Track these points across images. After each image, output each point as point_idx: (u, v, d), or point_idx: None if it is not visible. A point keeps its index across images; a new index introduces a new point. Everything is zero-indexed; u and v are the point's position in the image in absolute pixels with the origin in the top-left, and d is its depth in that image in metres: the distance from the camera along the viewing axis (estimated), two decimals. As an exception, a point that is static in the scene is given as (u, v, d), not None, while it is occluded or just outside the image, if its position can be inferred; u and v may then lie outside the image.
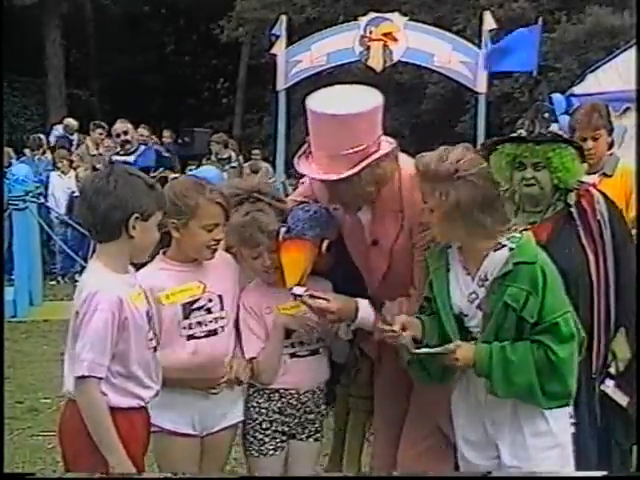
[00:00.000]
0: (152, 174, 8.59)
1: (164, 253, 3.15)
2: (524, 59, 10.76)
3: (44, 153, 12.39)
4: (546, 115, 3.55)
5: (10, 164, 11.54)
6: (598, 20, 16.20)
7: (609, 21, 16.02)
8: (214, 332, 3.13)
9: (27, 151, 12.84)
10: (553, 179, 3.30)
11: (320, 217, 3.17)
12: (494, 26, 11.33)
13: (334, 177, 2.97)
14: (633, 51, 8.44)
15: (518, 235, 2.85)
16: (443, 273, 2.91)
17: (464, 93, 15.25)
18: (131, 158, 9.04)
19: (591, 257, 3.29)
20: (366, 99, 3.05)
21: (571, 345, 2.78)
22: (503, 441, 2.87)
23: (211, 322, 3.12)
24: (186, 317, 3.09)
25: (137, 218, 2.71)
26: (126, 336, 2.71)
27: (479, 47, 11.11)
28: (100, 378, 2.67)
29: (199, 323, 3.10)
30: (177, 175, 8.66)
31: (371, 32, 11.08)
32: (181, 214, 3.03)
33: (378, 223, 3.14)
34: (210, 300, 3.12)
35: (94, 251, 2.88)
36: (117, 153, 9.43)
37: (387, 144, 3.07)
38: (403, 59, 11.45)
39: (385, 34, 11.04)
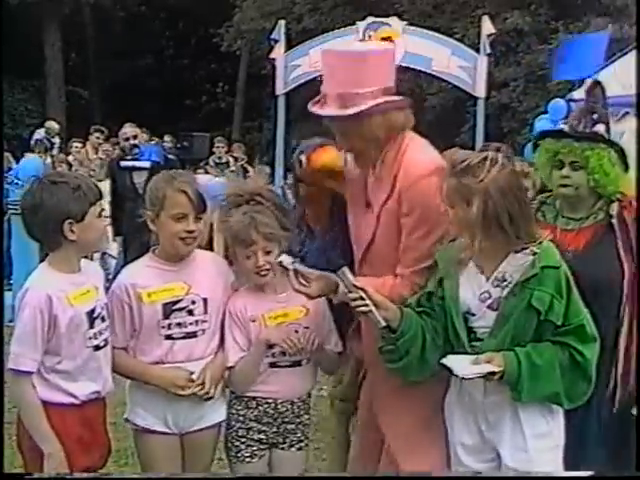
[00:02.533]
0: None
1: (153, 251, 3.18)
2: (588, 66, 10.29)
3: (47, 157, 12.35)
4: (595, 117, 3.32)
5: (10, 169, 11.53)
6: (596, 30, 16.22)
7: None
8: (193, 334, 3.12)
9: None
10: (589, 181, 3.22)
11: None
12: (493, 31, 11.38)
13: (348, 112, 2.97)
14: (631, 56, 8.45)
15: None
16: (453, 271, 2.89)
17: (463, 105, 15.29)
18: (139, 163, 9.06)
19: (627, 273, 3.17)
20: (378, 45, 3.21)
21: (595, 346, 2.81)
22: (502, 444, 2.85)
23: (191, 324, 3.12)
24: (166, 317, 3.09)
25: (70, 223, 2.86)
26: (57, 333, 2.86)
27: (478, 52, 11.14)
28: (30, 372, 2.83)
29: (179, 324, 3.11)
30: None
31: (370, 37, 11.10)
32: (154, 206, 3.09)
33: (375, 185, 3.13)
34: (193, 302, 3.12)
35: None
36: (123, 157, 9.44)
37: (398, 100, 3.10)
38: (402, 64, 11.45)
39: (384, 38, 11.04)
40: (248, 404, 3.20)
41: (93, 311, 2.96)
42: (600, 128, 3.30)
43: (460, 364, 2.75)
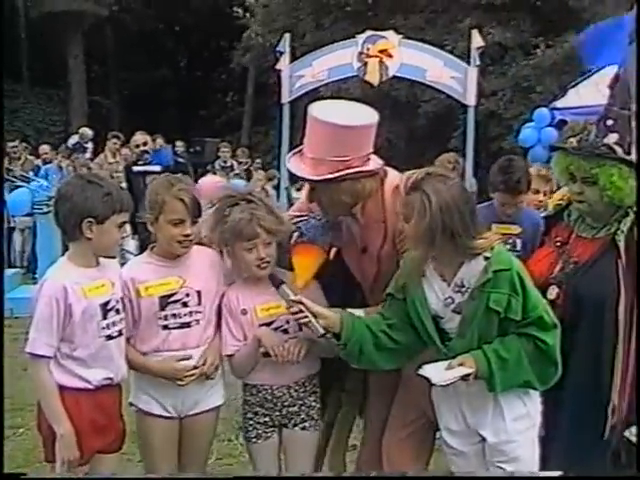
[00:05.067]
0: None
1: (151, 249, 3.19)
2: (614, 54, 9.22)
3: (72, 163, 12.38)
4: (609, 123, 2.97)
5: (36, 172, 11.62)
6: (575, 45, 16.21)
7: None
8: (187, 325, 3.13)
9: (48, 157, 12.81)
10: (603, 197, 2.92)
11: (331, 227, 3.19)
12: (482, 44, 11.36)
13: (311, 177, 3.00)
14: (611, 68, 8.37)
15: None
16: (418, 278, 2.86)
17: (455, 112, 15.27)
18: (150, 167, 9.06)
19: (622, 292, 2.88)
20: (360, 116, 3.04)
21: (555, 332, 2.78)
22: (485, 427, 2.85)
23: (186, 315, 3.12)
24: (162, 309, 3.10)
25: (90, 222, 2.87)
26: (72, 321, 2.87)
27: (468, 64, 11.13)
28: (48, 357, 2.85)
29: (174, 315, 3.12)
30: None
31: (368, 49, 11.08)
32: (153, 209, 3.09)
33: (365, 232, 3.13)
34: (187, 295, 3.13)
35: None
36: (136, 163, 9.43)
37: (374, 163, 3.05)
38: (398, 74, 11.44)
39: (381, 51, 11.03)
40: (252, 390, 3.20)
41: (107, 303, 2.97)
42: (612, 138, 2.96)
43: (435, 372, 2.74)
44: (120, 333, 3.03)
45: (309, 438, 3.23)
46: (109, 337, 2.97)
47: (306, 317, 2.88)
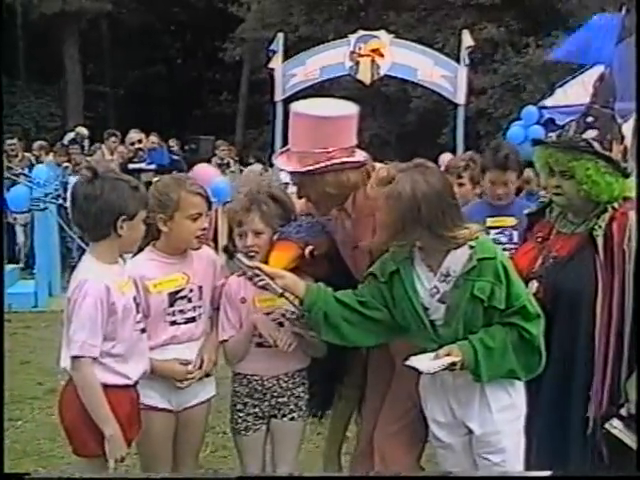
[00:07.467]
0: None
1: (154, 245, 3.17)
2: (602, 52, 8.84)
3: (69, 160, 12.37)
4: (589, 120, 2.95)
5: (31, 168, 11.56)
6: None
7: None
8: (192, 319, 3.15)
9: (50, 156, 12.79)
10: (580, 191, 2.91)
11: (310, 227, 3.18)
12: (472, 44, 11.40)
13: (296, 169, 3.01)
14: (598, 68, 8.38)
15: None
16: (409, 266, 2.85)
17: (445, 107, 15.31)
18: (145, 165, 9.06)
19: (600, 287, 2.85)
20: (338, 108, 3.08)
21: (539, 322, 2.78)
22: (472, 419, 2.84)
23: (190, 310, 3.14)
24: (171, 305, 3.11)
25: (124, 219, 2.80)
26: (114, 319, 2.80)
27: (458, 63, 11.17)
28: (93, 357, 2.76)
29: (181, 311, 3.13)
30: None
31: (360, 48, 11.12)
32: (166, 208, 3.05)
33: (356, 228, 3.13)
34: (191, 290, 3.14)
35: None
36: (131, 160, 9.43)
37: (359, 156, 3.06)
38: (389, 73, 11.49)
39: (373, 50, 11.08)
40: (241, 381, 3.21)
41: (135, 298, 2.95)
42: (591, 134, 2.94)
43: (423, 362, 2.74)
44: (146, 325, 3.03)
45: (296, 428, 3.25)
46: (142, 330, 2.96)
47: (263, 280, 2.89)
